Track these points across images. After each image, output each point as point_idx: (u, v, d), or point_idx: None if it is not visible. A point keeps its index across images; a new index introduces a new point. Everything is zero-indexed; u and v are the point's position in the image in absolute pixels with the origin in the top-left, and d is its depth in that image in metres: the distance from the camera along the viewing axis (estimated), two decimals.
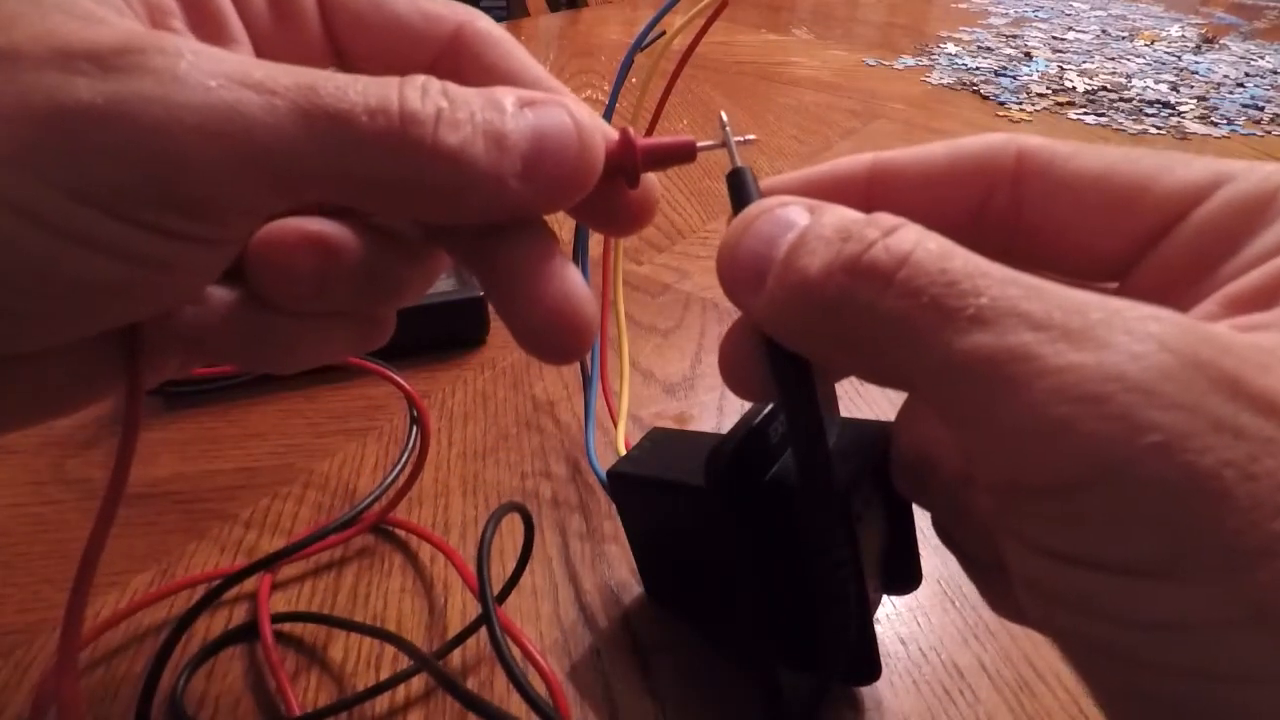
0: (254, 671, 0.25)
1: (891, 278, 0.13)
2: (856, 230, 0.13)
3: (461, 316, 0.40)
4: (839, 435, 0.22)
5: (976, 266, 0.12)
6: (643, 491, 0.25)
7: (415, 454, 0.29)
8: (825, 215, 0.14)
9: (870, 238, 0.13)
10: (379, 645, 0.26)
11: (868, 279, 0.13)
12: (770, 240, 0.14)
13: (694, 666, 0.26)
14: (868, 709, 0.25)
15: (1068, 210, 0.16)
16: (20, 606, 0.27)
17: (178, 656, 0.25)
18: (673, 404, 0.38)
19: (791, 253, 0.14)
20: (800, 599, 0.21)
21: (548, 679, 0.23)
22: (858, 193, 0.17)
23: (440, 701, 0.25)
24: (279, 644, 0.26)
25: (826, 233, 0.14)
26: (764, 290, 0.14)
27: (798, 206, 0.15)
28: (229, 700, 0.24)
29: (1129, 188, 0.15)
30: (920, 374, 0.13)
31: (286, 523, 0.31)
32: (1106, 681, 0.13)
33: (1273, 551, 0.10)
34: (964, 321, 0.12)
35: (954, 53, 1.05)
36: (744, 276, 0.15)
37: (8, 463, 0.33)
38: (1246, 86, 0.96)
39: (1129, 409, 0.10)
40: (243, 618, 0.27)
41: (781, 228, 0.14)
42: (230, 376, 0.36)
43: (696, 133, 0.72)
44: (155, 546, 0.29)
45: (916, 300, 0.12)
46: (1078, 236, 0.16)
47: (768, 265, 0.14)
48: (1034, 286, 0.12)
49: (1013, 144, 0.17)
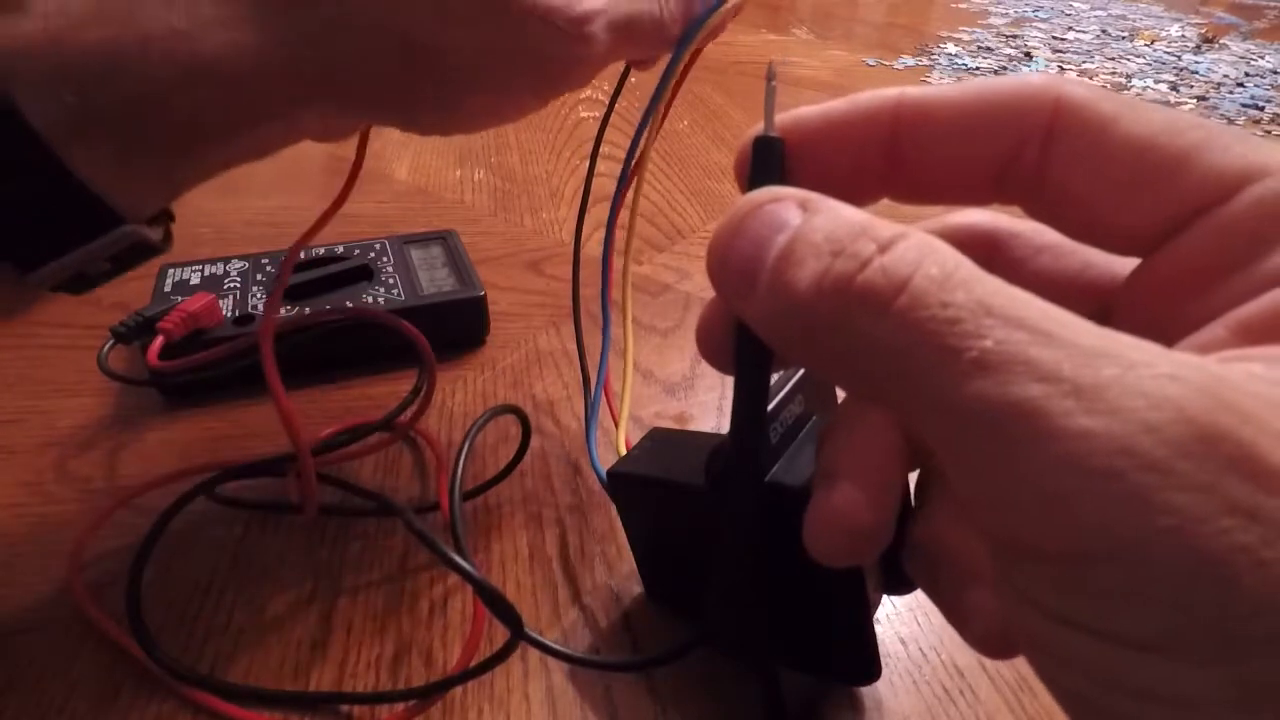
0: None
1: (888, 306, 0.12)
2: (850, 244, 0.13)
3: (461, 316, 0.40)
4: None
5: (981, 300, 0.11)
6: (643, 491, 0.25)
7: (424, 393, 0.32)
8: (817, 218, 0.13)
9: (865, 255, 0.12)
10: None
11: (861, 304, 0.12)
12: (760, 242, 0.14)
13: (694, 666, 0.26)
14: (868, 709, 0.25)
15: (1099, 178, 0.15)
16: (20, 606, 0.27)
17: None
18: (673, 404, 0.38)
19: (780, 262, 0.13)
20: (801, 599, 0.21)
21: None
22: (882, 133, 0.16)
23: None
24: None
25: (817, 239, 0.13)
26: (755, 296, 0.14)
27: (790, 202, 0.14)
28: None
29: (1164, 164, 0.14)
30: (918, 413, 0.12)
31: None
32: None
33: (1273, 639, 0.10)
34: (966, 365, 0.11)
35: (954, 53, 1.05)
36: (734, 279, 0.14)
37: (8, 463, 0.33)
38: (1246, 86, 0.96)
39: (1143, 490, 0.10)
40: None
41: (772, 228, 0.14)
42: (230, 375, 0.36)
43: (696, 132, 0.71)
44: None
45: (914, 335, 0.12)
46: (1104, 206, 0.15)
47: (758, 268, 0.14)
48: (1043, 330, 0.11)
49: (1051, 91, 0.15)
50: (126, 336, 0.35)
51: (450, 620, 0.27)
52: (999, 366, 0.11)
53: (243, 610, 0.27)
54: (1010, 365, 0.11)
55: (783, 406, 0.21)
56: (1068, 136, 0.15)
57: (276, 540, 0.30)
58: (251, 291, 0.39)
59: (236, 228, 0.52)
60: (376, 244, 0.44)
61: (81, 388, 0.37)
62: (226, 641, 0.26)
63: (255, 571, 0.29)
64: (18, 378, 0.38)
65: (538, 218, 0.56)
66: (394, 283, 0.41)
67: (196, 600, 0.28)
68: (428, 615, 0.27)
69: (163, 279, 0.40)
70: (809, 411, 0.22)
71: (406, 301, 0.39)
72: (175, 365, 0.34)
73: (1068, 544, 0.11)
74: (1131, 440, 0.10)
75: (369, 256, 0.42)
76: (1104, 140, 0.15)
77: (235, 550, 0.29)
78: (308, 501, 0.29)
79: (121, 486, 0.31)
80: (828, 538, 0.16)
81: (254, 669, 0.26)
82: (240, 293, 0.39)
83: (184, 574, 0.28)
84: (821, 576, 0.21)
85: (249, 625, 0.27)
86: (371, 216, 0.55)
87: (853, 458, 0.16)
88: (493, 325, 0.42)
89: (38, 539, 0.29)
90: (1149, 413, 0.10)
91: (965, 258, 0.12)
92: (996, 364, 0.11)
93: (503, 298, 0.45)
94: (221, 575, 0.29)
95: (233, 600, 0.28)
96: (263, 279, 0.40)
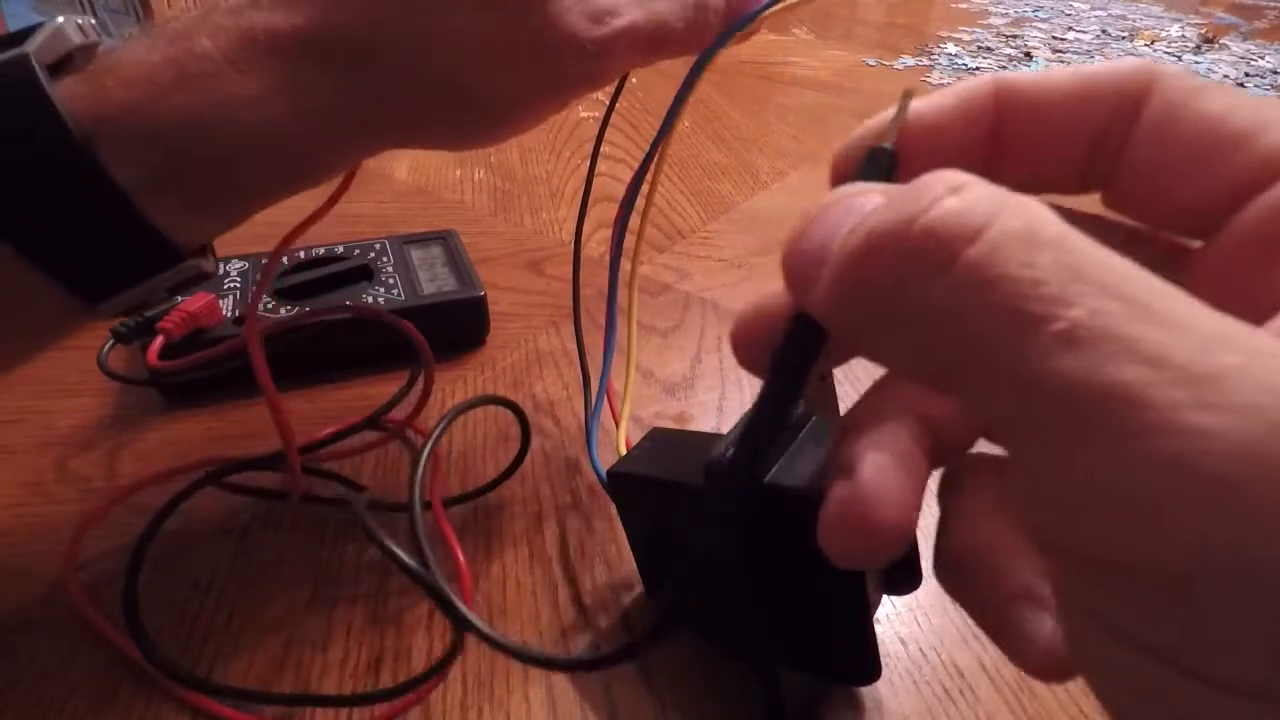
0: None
1: (954, 259, 0.10)
2: (911, 192, 0.11)
3: (461, 316, 0.40)
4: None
5: (1072, 263, 0.10)
6: (643, 491, 0.25)
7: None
8: (894, 198, 0.12)
9: (928, 199, 0.11)
10: None
11: (920, 255, 0.10)
12: (835, 227, 0.12)
13: (694, 666, 0.26)
14: (868, 709, 0.25)
15: (1166, 152, 0.14)
16: (20, 606, 0.27)
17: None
18: (673, 404, 0.38)
19: (847, 237, 0.12)
20: (801, 599, 0.21)
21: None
22: (987, 120, 0.15)
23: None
24: None
25: (880, 200, 0.12)
26: (819, 281, 0.12)
27: (874, 194, 0.12)
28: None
29: (1228, 139, 0.13)
30: (981, 394, 0.11)
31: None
32: None
33: None
34: (1050, 337, 0.09)
35: (954, 53, 1.05)
36: (801, 266, 0.13)
37: (8, 463, 0.33)
38: (1246, 86, 0.96)
39: (1269, 505, 0.09)
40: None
41: (849, 215, 0.12)
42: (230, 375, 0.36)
43: (696, 132, 0.71)
44: None
45: (986, 297, 0.10)
46: (1168, 182, 0.14)
47: (827, 256, 0.12)
48: (1147, 304, 0.09)
49: (1145, 72, 0.14)
50: (126, 336, 0.35)
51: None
52: (1091, 343, 0.09)
53: (243, 610, 0.27)
54: (1106, 342, 0.09)
55: None
56: (1149, 113, 0.14)
57: (276, 540, 0.30)
58: (251, 291, 0.39)
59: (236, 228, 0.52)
60: (376, 244, 0.44)
61: (81, 388, 0.37)
62: (226, 641, 0.26)
63: (255, 571, 0.29)
64: (18, 378, 0.38)
65: (538, 218, 0.56)
66: (394, 283, 0.41)
67: (196, 599, 0.28)
68: (428, 615, 0.27)
69: None
70: (809, 411, 0.22)
71: (406, 301, 0.39)
72: (175, 365, 0.34)
73: (1165, 561, 0.09)
74: (1258, 444, 0.09)
75: (369, 256, 0.42)
76: (1178, 115, 0.14)
77: (235, 549, 0.29)
78: (294, 491, 0.30)
79: (119, 486, 0.31)
80: (845, 537, 0.14)
81: (254, 669, 0.26)
82: (240, 292, 0.39)
83: (184, 573, 0.28)
84: (821, 577, 0.21)
85: (249, 625, 0.27)
86: (371, 216, 0.55)
87: (874, 453, 0.15)
88: (493, 325, 0.42)
89: (38, 539, 0.29)
90: (1278, 411, 0.09)
91: (1055, 214, 0.10)
92: (1089, 339, 0.09)
93: (503, 298, 0.45)
94: (221, 574, 0.29)
95: (233, 600, 0.28)
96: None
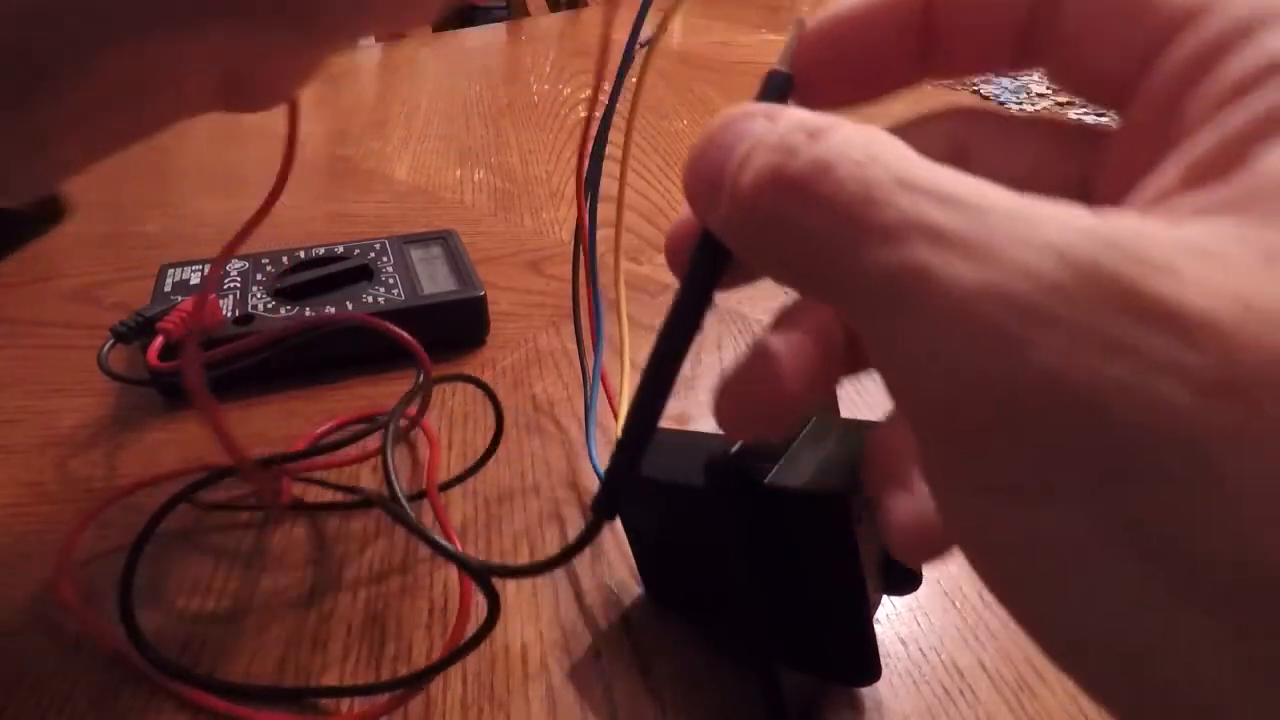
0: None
1: (812, 191, 0.12)
2: (789, 139, 0.13)
3: (461, 316, 0.40)
4: (839, 437, 0.22)
5: (899, 174, 0.11)
6: (642, 492, 0.25)
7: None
8: (779, 123, 0.13)
9: (795, 144, 0.12)
10: None
11: (789, 193, 0.12)
12: (726, 150, 0.14)
13: (694, 667, 0.26)
14: (868, 709, 0.25)
15: (1085, 17, 0.14)
16: (20, 606, 0.27)
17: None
18: (673, 404, 0.38)
19: (738, 167, 0.13)
20: (801, 599, 0.21)
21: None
22: (916, 8, 0.16)
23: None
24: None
25: (772, 141, 0.13)
26: (718, 204, 0.14)
27: (757, 115, 0.14)
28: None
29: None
30: (836, 297, 0.12)
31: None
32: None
33: (1149, 471, 0.09)
34: (872, 235, 0.11)
35: None
36: (702, 189, 0.14)
37: (7, 463, 0.33)
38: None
39: (1016, 336, 0.10)
40: None
41: (738, 138, 0.14)
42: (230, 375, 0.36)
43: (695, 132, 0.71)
44: None
45: (833, 215, 0.12)
46: (1086, 48, 0.14)
47: (723, 177, 0.14)
48: (949, 194, 0.11)
49: None
50: (126, 336, 0.35)
51: (450, 616, 0.27)
52: (898, 232, 0.11)
53: (242, 609, 0.27)
54: (910, 230, 0.11)
55: None
56: None
57: (275, 538, 0.30)
58: (251, 291, 0.39)
59: (236, 228, 0.52)
60: (376, 244, 0.44)
61: (81, 388, 0.37)
62: (226, 642, 0.26)
63: (255, 569, 0.29)
64: (17, 378, 0.38)
65: (538, 218, 0.56)
66: (394, 283, 0.41)
67: (196, 599, 0.28)
68: (428, 614, 0.27)
69: (163, 279, 0.40)
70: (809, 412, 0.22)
71: (406, 301, 0.39)
72: (175, 365, 0.34)
73: (954, 403, 0.11)
74: (1008, 287, 0.10)
75: (369, 256, 0.42)
76: None
77: (235, 549, 0.30)
78: (273, 499, 0.30)
79: (118, 486, 0.31)
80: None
81: (254, 667, 0.26)
82: (240, 293, 0.39)
83: (184, 572, 0.28)
84: (822, 577, 0.21)
85: (249, 624, 0.27)
86: (371, 216, 0.54)
87: (775, 338, 0.17)
88: (493, 325, 0.42)
89: (38, 539, 0.29)
90: (1029, 257, 0.10)
91: (903, 143, 0.12)
92: (897, 229, 0.11)
93: (503, 298, 0.45)
94: (221, 574, 0.29)
95: (232, 599, 0.28)
96: (262, 279, 0.40)
